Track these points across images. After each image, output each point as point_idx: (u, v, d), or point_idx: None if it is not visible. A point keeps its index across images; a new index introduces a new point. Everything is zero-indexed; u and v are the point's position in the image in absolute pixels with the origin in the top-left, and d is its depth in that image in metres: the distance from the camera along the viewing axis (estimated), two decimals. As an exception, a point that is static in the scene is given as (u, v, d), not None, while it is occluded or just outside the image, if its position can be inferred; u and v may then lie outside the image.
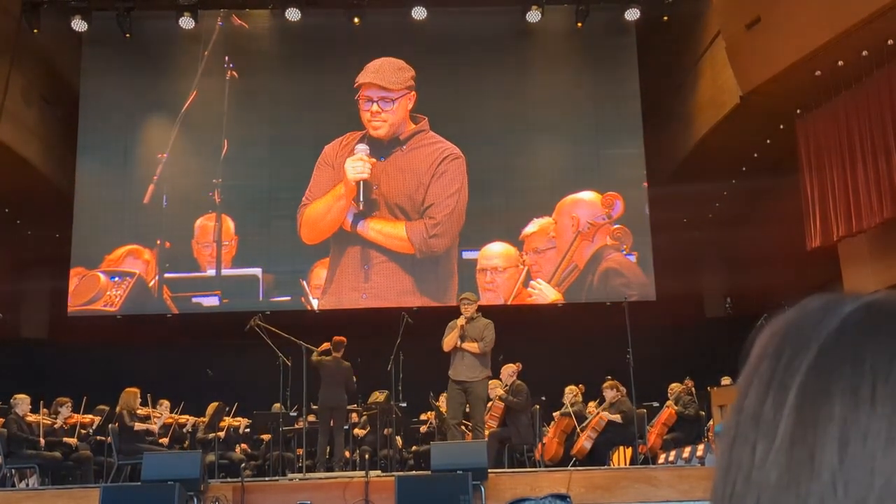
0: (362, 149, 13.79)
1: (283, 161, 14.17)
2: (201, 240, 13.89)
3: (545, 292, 13.72)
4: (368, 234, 13.80)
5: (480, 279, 13.77)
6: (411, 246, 13.80)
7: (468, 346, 8.93)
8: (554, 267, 13.87)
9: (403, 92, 14.23)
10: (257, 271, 13.81)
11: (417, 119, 14.22)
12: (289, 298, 13.74)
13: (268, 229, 13.97)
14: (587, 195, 14.13)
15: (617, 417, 9.88)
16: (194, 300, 13.75)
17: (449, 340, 8.99)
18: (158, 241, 13.81)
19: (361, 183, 13.64)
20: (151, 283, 13.72)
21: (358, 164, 13.70)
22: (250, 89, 14.35)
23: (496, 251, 13.98)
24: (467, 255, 13.93)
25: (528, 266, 13.86)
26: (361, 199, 13.61)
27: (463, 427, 9.63)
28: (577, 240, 13.92)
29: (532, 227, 13.98)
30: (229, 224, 13.96)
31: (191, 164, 14.16)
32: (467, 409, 9.28)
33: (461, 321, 8.99)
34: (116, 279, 13.71)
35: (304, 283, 13.79)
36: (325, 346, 10.35)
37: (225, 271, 13.84)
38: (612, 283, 13.76)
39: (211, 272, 13.83)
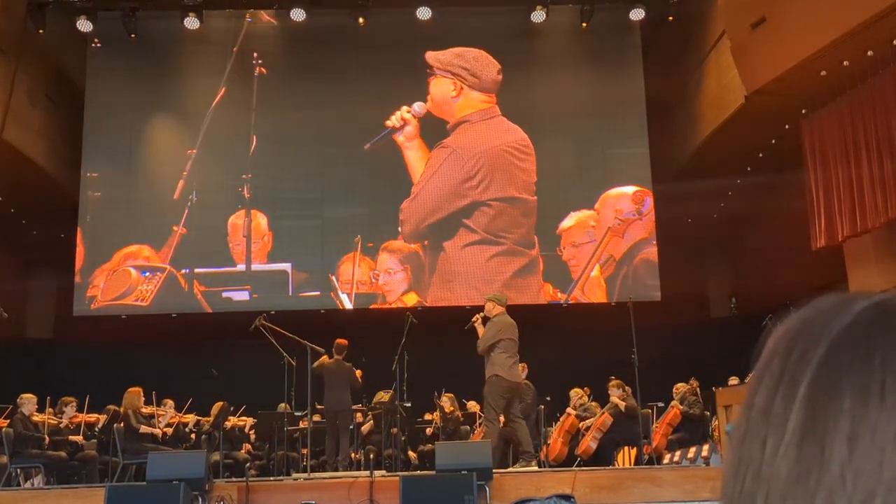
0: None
1: (315, 159, 14.23)
2: (233, 235, 14.00)
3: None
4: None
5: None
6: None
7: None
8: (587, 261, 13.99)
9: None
10: (287, 266, 13.90)
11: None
12: (318, 294, 13.84)
13: (299, 225, 14.05)
14: (621, 190, 14.20)
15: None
16: (224, 295, 13.86)
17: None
18: (175, 228, 13.84)
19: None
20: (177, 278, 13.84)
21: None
22: (279, 87, 14.39)
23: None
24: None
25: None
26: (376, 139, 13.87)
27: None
28: (608, 235, 13.99)
29: (569, 220, 14.05)
30: (260, 220, 14.04)
31: (219, 160, 14.25)
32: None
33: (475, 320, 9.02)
34: (147, 274, 13.81)
35: (334, 278, 13.84)
36: (325, 358, 10.30)
37: (255, 266, 13.93)
38: (645, 276, 13.85)
39: (241, 267, 13.91)
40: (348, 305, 13.82)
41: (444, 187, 14.05)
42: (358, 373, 10.44)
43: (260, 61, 14.39)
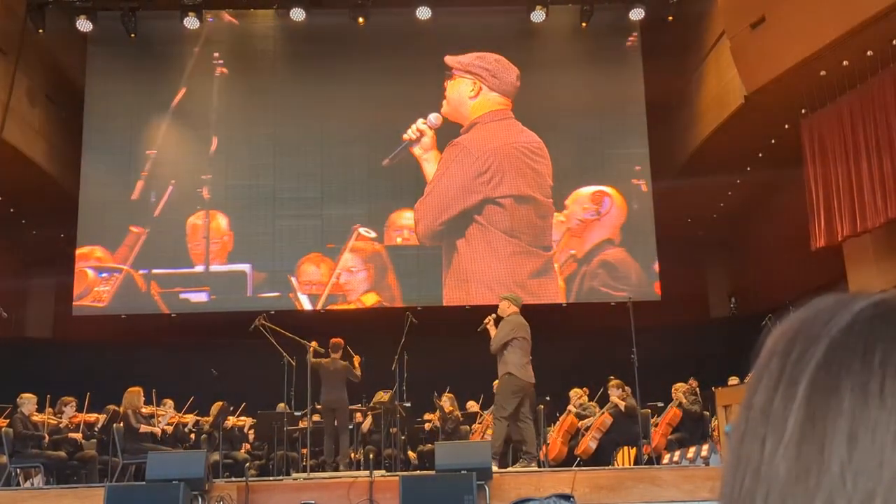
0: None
1: (278, 159, 14.20)
2: (193, 236, 13.93)
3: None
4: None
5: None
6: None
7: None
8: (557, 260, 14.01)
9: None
10: (246, 267, 13.85)
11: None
12: (278, 295, 13.78)
13: (260, 226, 14.00)
14: (585, 190, 14.18)
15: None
16: (182, 296, 13.77)
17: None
18: (132, 229, 13.79)
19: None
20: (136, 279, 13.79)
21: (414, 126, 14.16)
22: (242, 87, 14.39)
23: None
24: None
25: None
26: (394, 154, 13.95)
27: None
28: (565, 235, 14.01)
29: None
30: (221, 220, 13.99)
31: (180, 161, 14.20)
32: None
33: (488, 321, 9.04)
34: (105, 275, 13.77)
35: (293, 279, 13.80)
36: (314, 345, 10.30)
37: (213, 267, 13.86)
38: (606, 275, 13.83)
39: (200, 268, 13.85)
40: (307, 306, 13.75)
41: (456, 183, 14.04)
42: (357, 359, 10.41)
43: (220, 61, 14.35)
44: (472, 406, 12.20)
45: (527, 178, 14.04)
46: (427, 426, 11.66)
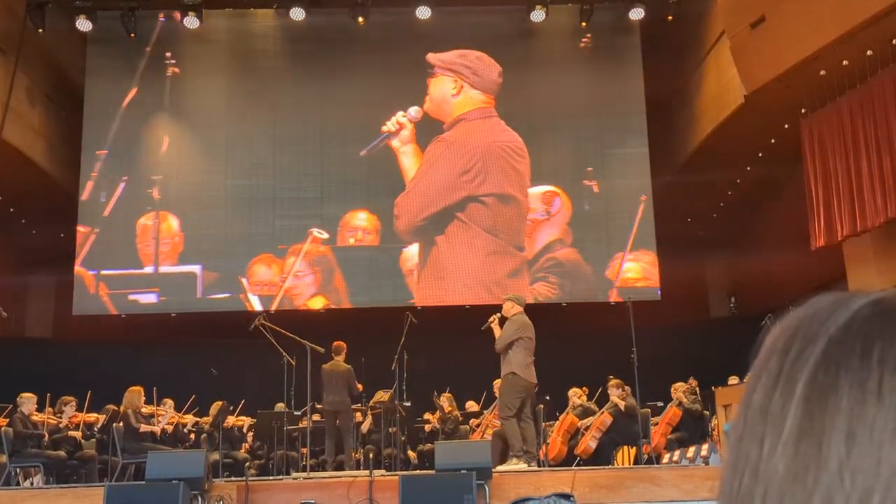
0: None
1: (229, 157, 14.21)
2: (142, 237, 13.89)
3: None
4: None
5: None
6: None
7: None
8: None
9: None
10: (196, 268, 13.79)
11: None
12: (228, 296, 13.74)
13: (211, 226, 13.94)
14: (537, 190, 14.17)
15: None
16: (131, 297, 13.71)
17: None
18: (80, 229, 13.77)
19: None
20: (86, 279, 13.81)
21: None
22: (197, 87, 14.35)
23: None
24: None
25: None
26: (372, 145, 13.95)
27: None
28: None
29: None
30: (172, 222, 13.94)
31: (132, 160, 14.10)
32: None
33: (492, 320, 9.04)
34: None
35: (244, 280, 13.78)
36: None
37: (163, 268, 13.82)
38: (552, 275, 13.83)
39: (149, 269, 13.81)
40: (258, 307, 13.68)
41: (441, 180, 14.02)
42: (359, 386, 10.46)
43: (173, 61, 14.30)
44: (472, 406, 12.20)
45: (509, 177, 14.04)
46: (427, 427, 11.67)
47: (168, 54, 14.33)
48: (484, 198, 13.93)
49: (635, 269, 13.98)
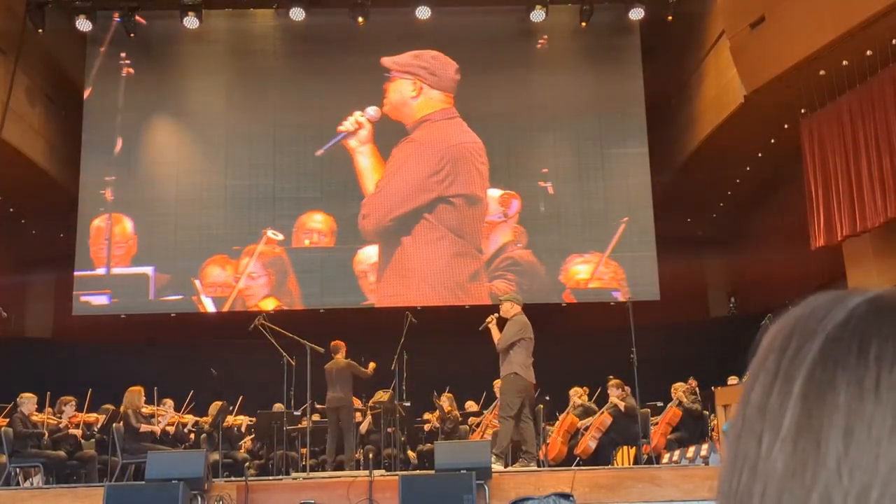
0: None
1: (185, 159, 14.22)
2: (95, 239, 13.85)
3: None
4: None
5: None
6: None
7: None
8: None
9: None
10: (149, 270, 13.76)
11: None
12: (181, 298, 13.71)
13: (164, 227, 13.90)
14: (490, 194, 14.17)
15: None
16: (83, 299, 13.67)
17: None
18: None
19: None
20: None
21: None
22: (151, 87, 14.28)
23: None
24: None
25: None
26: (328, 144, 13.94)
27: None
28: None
29: None
30: (126, 224, 13.91)
31: (89, 161, 14.03)
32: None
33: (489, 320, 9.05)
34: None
35: (197, 282, 13.76)
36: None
37: (115, 270, 13.78)
38: (507, 275, 13.83)
39: (101, 271, 13.77)
40: (211, 309, 13.68)
41: (411, 181, 13.98)
42: (372, 365, 10.47)
43: (127, 62, 14.25)
44: (472, 406, 12.21)
45: (474, 178, 14.05)
46: (427, 427, 11.67)
47: (123, 54, 14.26)
48: (453, 199, 13.90)
49: (586, 271, 13.98)
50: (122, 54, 14.26)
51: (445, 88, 14.32)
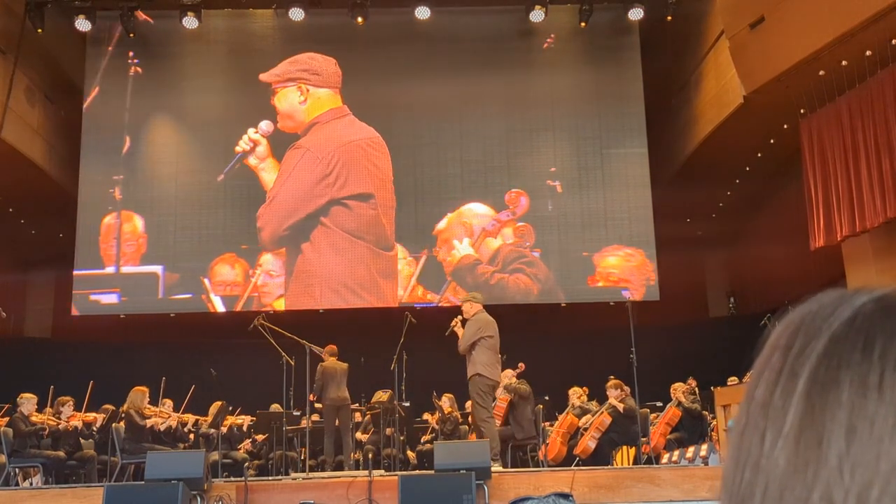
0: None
1: (190, 158, 14.22)
2: (105, 237, 13.88)
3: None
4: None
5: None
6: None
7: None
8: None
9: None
10: (158, 269, 13.78)
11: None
12: (190, 297, 13.73)
13: (174, 226, 13.93)
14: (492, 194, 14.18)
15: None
16: (93, 297, 13.69)
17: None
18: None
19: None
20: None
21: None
22: (157, 87, 14.31)
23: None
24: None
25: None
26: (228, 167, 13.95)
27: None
28: (480, 235, 14.01)
29: (444, 222, 14.09)
30: (137, 222, 13.93)
31: (93, 160, 14.07)
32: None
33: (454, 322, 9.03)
34: None
35: (206, 280, 13.77)
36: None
37: (125, 269, 13.80)
38: (517, 274, 13.80)
39: (111, 269, 13.80)
40: (221, 308, 13.68)
41: (301, 188, 13.94)
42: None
43: (136, 61, 14.28)
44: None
45: (370, 174, 14.01)
46: (427, 429, 11.66)
47: (131, 53, 14.29)
48: (346, 200, 13.86)
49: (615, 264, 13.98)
50: (130, 53, 14.28)
51: (331, 84, 14.29)
